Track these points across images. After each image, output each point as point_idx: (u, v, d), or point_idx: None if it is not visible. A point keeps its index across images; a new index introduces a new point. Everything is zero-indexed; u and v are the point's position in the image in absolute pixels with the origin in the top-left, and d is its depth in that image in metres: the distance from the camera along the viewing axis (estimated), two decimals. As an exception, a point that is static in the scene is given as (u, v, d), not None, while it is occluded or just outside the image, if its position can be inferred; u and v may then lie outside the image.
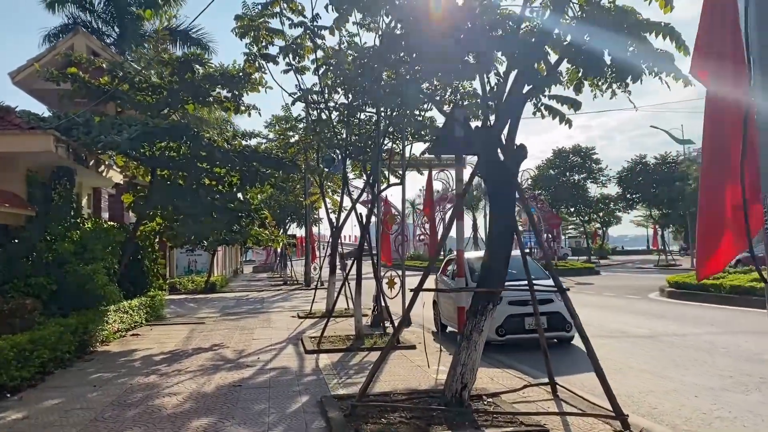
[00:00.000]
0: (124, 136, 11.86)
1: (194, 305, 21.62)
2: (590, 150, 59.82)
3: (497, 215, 6.31)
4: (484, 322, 6.30)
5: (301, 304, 20.52)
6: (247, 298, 24.55)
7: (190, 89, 14.80)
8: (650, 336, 11.80)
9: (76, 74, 14.20)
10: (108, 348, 11.49)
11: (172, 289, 27.72)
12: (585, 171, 60.17)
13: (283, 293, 26.99)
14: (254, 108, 15.48)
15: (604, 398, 7.33)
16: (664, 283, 19.90)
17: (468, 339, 6.28)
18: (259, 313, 17.75)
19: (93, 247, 12.84)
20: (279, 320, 15.78)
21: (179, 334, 13.24)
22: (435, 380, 8.10)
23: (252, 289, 30.74)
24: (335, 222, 17.08)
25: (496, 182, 6.34)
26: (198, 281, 29.77)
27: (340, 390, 7.58)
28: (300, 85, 12.29)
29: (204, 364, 9.63)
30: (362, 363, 9.50)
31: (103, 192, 18.66)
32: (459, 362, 6.27)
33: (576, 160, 60.47)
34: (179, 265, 34.63)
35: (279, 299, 23.71)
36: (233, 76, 14.76)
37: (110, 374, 8.95)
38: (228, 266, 46.07)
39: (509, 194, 6.34)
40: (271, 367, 9.32)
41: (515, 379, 8.08)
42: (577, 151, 60.18)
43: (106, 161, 16.86)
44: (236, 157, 13.79)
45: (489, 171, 6.36)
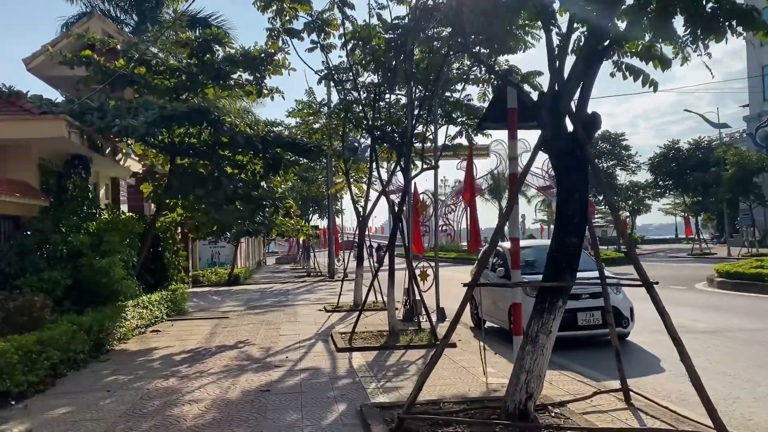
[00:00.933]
0: (141, 120, 11.09)
1: (217, 298, 20.95)
2: (620, 136, 58.17)
3: (567, 195, 5.38)
4: (552, 322, 5.40)
5: (326, 297, 19.74)
6: (271, 290, 23.84)
7: (209, 72, 14.02)
8: (713, 331, 10.78)
9: (91, 57, 13.49)
10: (126, 346, 10.78)
11: (194, 281, 27.15)
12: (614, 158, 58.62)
13: (307, 285, 26.25)
14: (277, 91, 14.68)
15: (684, 406, 6.42)
16: (711, 273, 18.74)
17: (533, 342, 5.38)
18: (284, 307, 16.99)
19: (110, 239, 12.15)
20: (305, 314, 15.00)
21: (202, 330, 12.51)
22: (486, 385, 7.22)
23: (276, 280, 30.05)
24: (361, 211, 16.25)
25: (566, 156, 5.40)
26: (221, 273, 29.15)
27: (380, 396, 6.72)
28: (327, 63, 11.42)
29: (228, 365, 8.84)
30: (400, 363, 8.64)
31: (122, 182, 18.01)
32: (523, 368, 5.37)
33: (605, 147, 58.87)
34: (202, 257, 34.06)
35: (304, 291, 22.96)
36: (255, 57, 13.96)
37: (126, 377, 8.20)
38: (251, 258, 45.54)
39: (582, 169, 5.40)
40: (301, 367, 8.50)
41: (576, 383, 7.16)
42: (606, 137, 58.55)
43: (123, 149, 16.16)
44: (259, 143, 12.97)
45: (557, 144, 5.42)
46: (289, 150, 13.47)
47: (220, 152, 13.95)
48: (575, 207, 5.38)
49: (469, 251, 10.56)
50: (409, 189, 12.55)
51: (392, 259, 10.68)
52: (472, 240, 9.47)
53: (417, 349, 9.56)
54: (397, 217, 10.68)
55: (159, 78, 14.06)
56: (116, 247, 12.10)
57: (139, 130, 11.00)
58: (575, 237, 5.40)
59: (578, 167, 5.42)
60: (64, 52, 13.78)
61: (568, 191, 5.41)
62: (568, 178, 5.41)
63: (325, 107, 16.37)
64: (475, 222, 9.44)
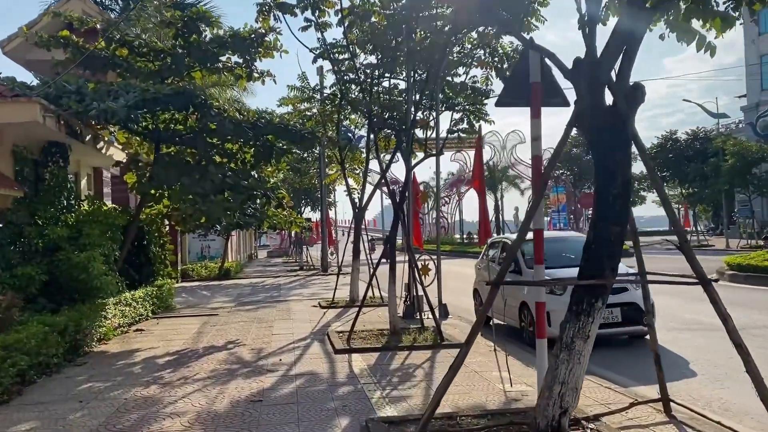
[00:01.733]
0: (120, 103, 10.24)
1: (207, 293, 20.15)
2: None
3: (608, 177, 4.63)
4: (591, 326, 4.65)
5: (320, 291, 18.97)
6: (262, 285, 23.05)
7: (196, 54, 13.18)
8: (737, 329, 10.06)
9: (69, 38, 12.61)
10: (106, 347, 9.97)
11: (184, 275, 26.32)
12: (609, 149, 58.08)
13: (300, 279, 25.47)
14: (268, 75, 13.85)
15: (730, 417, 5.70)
16: (721, 266, 18.07)
17: (569, 349, 4.63)
18: (276, 302, 16.20)
19: (90, 232, 11.32)
20: (299, 310, 14.22)
21: (189, 329, 11.71)
22: (504, 393, 6.47)
23: (267, 275, 29.26)
24: (358, 202, 15.48)
25: (606, 133, 4.64)
26: (211, 267, 28.31)
27: (386, 408, 5.97)
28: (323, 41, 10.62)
29: (216, 369, 8.06)
30: (405, 367, 7.89)
31: (106, 172, 17.14)
32: (556, 379, 4.63)
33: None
34: (192, 250, 33.14)
35: (296, 286, 22.18)
36: (244, 38, 13.12)
37: (103, 384, 7.40)
38: (242, 251, 44.66)
39: (625, 147, 4.65)
40: (297, 372, 7.73)
41: (606, 391, 6.42)
42: (601, 128, 57.98)
43: (106, 137, 15.29)
44: (249, 129, 12.14)
45: (596, 119, 4.66)
46: (281, 137, 12.64)
47: (207, 140, 13.11)
48: (617, 191, 4.62)
49: (480, 244, 9.76)
50: (410, 178, 11.78)
51: (393, 253, 9.91)
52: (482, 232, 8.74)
53: (421, 350, 8.82)
54: (399, 208, 9.90)
55: (142, 60, 13.21)
56: (96, 241, 11.27)
57: (118, 114, 10.15)
58: (617, 225, 4.65)
59: (620, 145, 4.66)
60: (40, 33, 12.90)
61: (609, 172, 4.65)
62: (609, 157, 4.65)
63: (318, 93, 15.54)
64: (485, 212, 8.70)
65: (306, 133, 12.57)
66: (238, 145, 13.57)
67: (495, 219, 49.31)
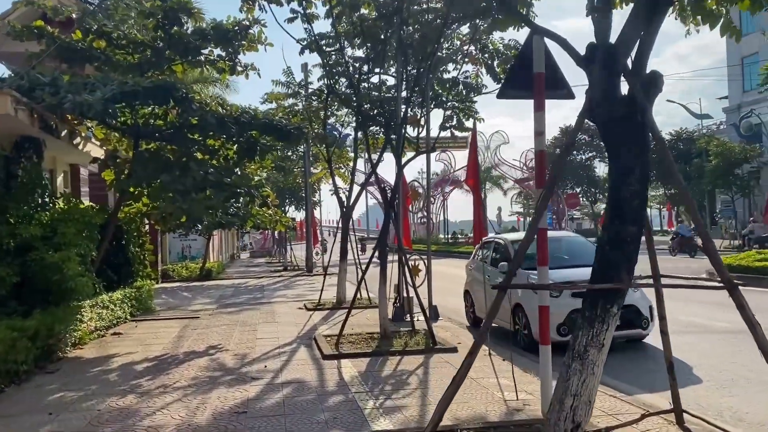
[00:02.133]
0: (97, 96, 9.73)
1: (188, 294, 19.62)
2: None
3: (624, 173, 4.28)
4: (605, 333, 4.30)
5: (305, 293, 18.53)
6: (245, 286, 22.54)
7: (177, 47, 12.70)
8: (737, 331, 9.78)
9: (44, 29, 12.07)
10: (81, 353, 9.48)
11: (164, 276, 25.73)
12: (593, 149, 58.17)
13: (284, 280, 24.99)
14: (252, 68, 13.39)
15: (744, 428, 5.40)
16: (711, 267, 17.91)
17: (581, 358, 4.28)
18: (260, 304, 15.74)
19: (65, 231, 10.79)
20: (284, 313, 13.78)
21: (169, 333, 11.23)
22: (504, 402, 6.12)
23: (250, 275, 28.72)
24: (345, 201, 15.07)
25: (622, 125, 4.30)
26: (193, 268, 27.73)
27: (381, 420, 5.58)
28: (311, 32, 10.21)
29: (197, 376, 7.62)
30: (397, 373, 7.50)
31: (84, 170, 16.56)
32: (568, 392, 4.27)
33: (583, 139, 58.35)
34: (172, 250, 32.48)
35: (281, 287, 21.71)
36: (228, 31, 12.66)
37: (76, 393, 6.94)
38: (225, 251, 44.02)
39: (643, 140, 4.31)
40: (283, 380, 7.32)
41: (612, 400, 6.09)
42: (585, 128, 58.08)
43: (83, 133, 14.74)
44: (233, 124, 11.67)
45: (611, 109, 4.31)
46: (265, 133, 12.18)
47: (189, 136, 12.62)
48: (635, 188, 4.28)
49: (475, 243, 9.41)
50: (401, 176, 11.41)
51: (384, 253, 9.53)
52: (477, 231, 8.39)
53: (414, 355, 8.44)
54: (390, 207, 9.52)
55: (121, 53, 12.70)
56: (72, 240, 10.75)
57: (95, 107, 9.64)
58: (634, 225, 4.31)
59: (638, 138, 4.31)
60: (13, 23, 12.34)
61: (626, 168, 4.31)
62: (626, 151, 4.31)
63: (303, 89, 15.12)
64: (480, 211, 8.36)
65: (292, 129, 12.13)
66: (221, 141, 13.11)
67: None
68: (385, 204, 9.67)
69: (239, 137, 12.51)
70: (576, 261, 9.64)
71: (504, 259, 10.12)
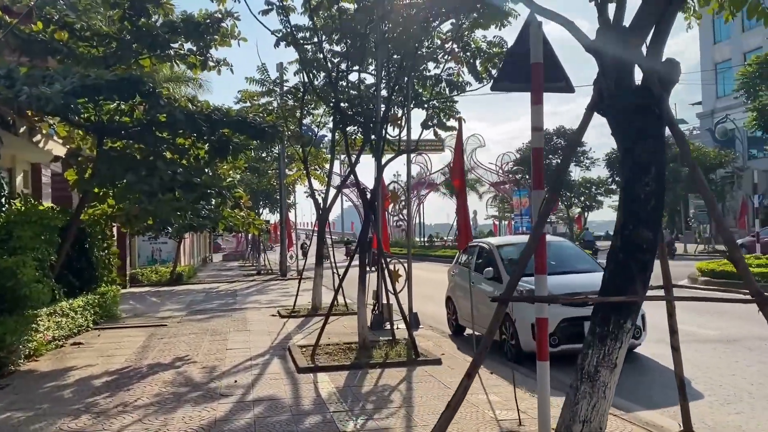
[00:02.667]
0: (56, 89, 9.06)
1: (157, 300, 18.87)
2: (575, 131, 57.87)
3: (640, 170, 3.83)
4: (618, 351, 3.84)
5: (279, 298, 17.91)
6: (217, 291, 21.83)
7: (145, 40, 12.05)
8: (729, 340, 9.46)
9: (0, 18, 11.33)
10: (36, 365, 8.78)
11: (133, 280, 24.88)
12: (569, 154, 58.32)
13: (257, 285, 24.29)
14: (225, 64, 12.79)
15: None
16: (693, 271, 17.71)
17: (592, 380, 3.81)
18: (232, 311, 15.09)
19: (21, 234, 10.13)
20: (257, 320, 13.16)
21: (133, 342, 10.56)
22: (497, 422, 5.62)
23: (223, 279, 27.95)
24: (322, 203, 14.50)
25: (636, 117, 3.84)
26: (163, 272, 26.87)
27: (363, 445, 5.04)
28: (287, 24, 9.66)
29: (161, 393, 7.00)
30: (379, 389, 6.96)
31: (46, 170, 15.78)
32: (577, 417, 3.80)
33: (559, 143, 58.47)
34: (142, 254, 31.48)
35: (254, 292, 21.04)
36: (199, 24, 12.07)
37: (24, 413, 6.28)
38: (196, 255, 43.01)
39: (659, 134, 3.86)
40: (255, 397, 6.73)
41: (617, 421, 5.61)
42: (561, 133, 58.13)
43: (44, 130, 14.01)
44: (203, 121, 11.05)
45: (623, 100, 3.85)
46: (238, 131, 11.57)
47: (158, 134, 11.97)
48: (651, 187, 3.83)
49: (460, 248, 8.91)
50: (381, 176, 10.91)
51: (364, 258, 8.99)
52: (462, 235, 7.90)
53: (396, 368, 7.91)
54: (370, 208, 8.99)
55: (85, 45, 12.01)
56: (29, 244, 10.08)
57: (53, 101, 8.95)
58: (650, 229, 3.85)
59: (653, 131, 3.87)
60: (-34, 12, 11.57)
61: (640, 165, 3.85)
62: (640, 147, 3.85)
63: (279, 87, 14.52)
64: (466, 213, 7.88)
65: (266, 127, 11.52)
66: (191, 140, 12.46)
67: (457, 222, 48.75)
68: (364, 206, 9.14)
69: (210, 135, 11.88)
70: (566, 267, 9.22)
71: (489, 264, 9.65)
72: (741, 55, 43.59)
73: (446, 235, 51.22)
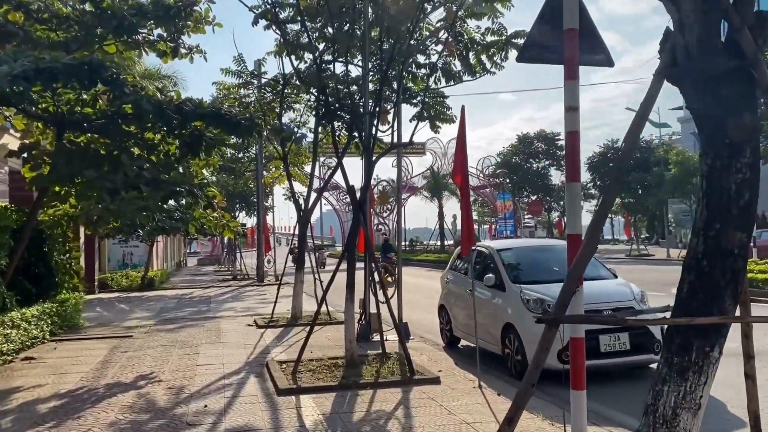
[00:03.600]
0: (2, 71, 7.99)
1: (126, 307, 17.72)
2: (556, 135, 57.62)
3: (730, 154, 2.94)
4: (703, 388, 2.94)
5: (256, 306, 16.88)
6: (190, 297, 20.70)
7: (110, 23, 10.96)
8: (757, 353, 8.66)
9: (-55, -2, 10.23)
10: (-24, 385, 7.68)
11: (102, 286, 23.67)
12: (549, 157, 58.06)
13: (233, 290, 23.19)
14: (198, 51, 11.76)
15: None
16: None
17: (669, 425, 2.91)
18: (204, 319, 14.02)
19: (-34, 236, 9.02)
20: (231, 330, 12.12)
21: (93, 356, 9.48)
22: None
23: (197, 284, 26.77)
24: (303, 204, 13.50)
25: (724, 85, 2.96)
26: (134, 277, 25.65)
27: (361, 495, 4.09)
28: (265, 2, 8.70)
29: (117, 422, 5.97)
30: (373, 416, 6.01)
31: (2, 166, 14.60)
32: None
33: (540, 147, 58.18)
34: (112, 258, 30.18)
35: (229, 298, 19.95)
36: (170, 7, 11.07)
37: (-52, 450, 5.23)
38: (170, 258, 41.66)
39: (753, 107, 2.99)
40: (228, 426, 5.74)
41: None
42: (542, 136, 57.89)
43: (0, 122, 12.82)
44: (174, 113, 10.03)
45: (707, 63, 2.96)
46: (212, 124, 10.53)
47: (124, 128, 10.91)
48: (744, 176, 2.94)
49: (463, 252, 7.97)
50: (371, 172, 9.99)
51: (352, 264, 8.04)
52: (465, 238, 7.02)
53: (389, 388, 6.96)
54: (359, 209, 8.05)
55: (43, 29, 10.93)
56: (-25, 247, 8.98)
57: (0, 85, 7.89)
58: (742, 229, 2.96)
59: (749, 103, 2.98)
60: None
61: (731, 147, 2.96)
62: (733, 123, 2.96)
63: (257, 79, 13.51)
64: (469, 214, 6.99)
65: (243, 120, 10.51)
66: (161, 134, 11.41)
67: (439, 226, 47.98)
68: (353, 206, 8.19)
69: (181, 129, 10.83)
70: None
71: (489, 270, 8.75)
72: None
73: (427, 240, 50.37)
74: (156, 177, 9.73)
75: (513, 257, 8.78)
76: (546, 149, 57.95)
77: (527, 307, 7.64)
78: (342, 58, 10.34)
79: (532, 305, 7.59)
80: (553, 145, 57.74)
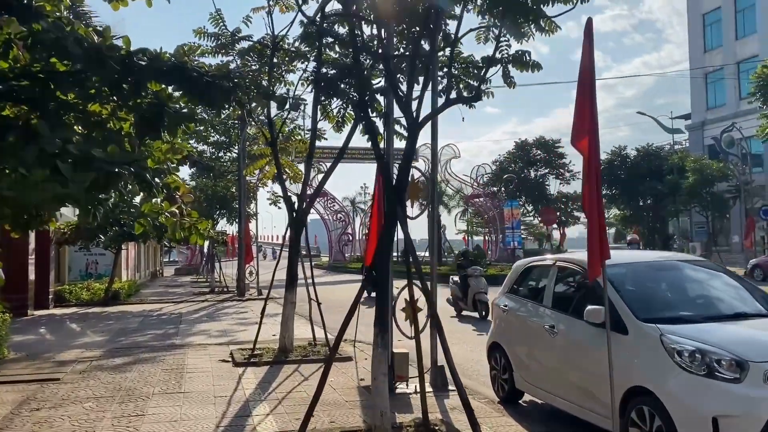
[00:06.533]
0: None
1: (77, 327, 14.58)
2: (555, 143, 54.95)
3: None
4: None
5: (234, 328, 13.81)
6: (159, 314, 17.54)
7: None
8: None
9: None
10: None
11: (58, 299, 20.39)
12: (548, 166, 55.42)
13: (209, 306, 20.03)
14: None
15: None
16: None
17: None
18: (167, 349, 10.92)
19: None
20: (199, 370, 9.04)
21: (-11, 417, 6.38)
22: None
23: (168, 298, 23.48)
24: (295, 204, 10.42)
25: None
26: (96, 289, 22.34)
27: None
28: None
29: None
30: None
31: None
32: None
33: (538, 154, 55.48)
34: (74, 267, 26.83)
35: (203, 317, 16.81)
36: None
37: None
38: (144, 268, 38.24)
39: None
40: None
41: None
42: (541, 143, 55.17)
43: None
44: (117, 64, 7.00)
45: None
46: (175, 83, 7.52)
47: (60, 97, 7.84)
48: None
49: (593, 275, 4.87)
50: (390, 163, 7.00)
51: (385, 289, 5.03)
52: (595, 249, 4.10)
53: None
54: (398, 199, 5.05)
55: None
56: None
57: None
58: None
59: None
60: None
61: None
62: None
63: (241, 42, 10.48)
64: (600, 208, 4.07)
65: (217, 81, 7.51)
66: (110, 106, 8.33)
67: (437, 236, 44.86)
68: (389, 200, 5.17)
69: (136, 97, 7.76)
70: (735, 307, 5.40)
71: (587, 297, 5.73)
72: (735, 65, 41.26)
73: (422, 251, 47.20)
74: (87, 153, 6.64)
75: (630, 280, 5.69)
76: (545, 157, 55.26)
77: (678, 362, 4.65)
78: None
79: (686, 360, 4.60)
80: (553, 152, 55.10)
